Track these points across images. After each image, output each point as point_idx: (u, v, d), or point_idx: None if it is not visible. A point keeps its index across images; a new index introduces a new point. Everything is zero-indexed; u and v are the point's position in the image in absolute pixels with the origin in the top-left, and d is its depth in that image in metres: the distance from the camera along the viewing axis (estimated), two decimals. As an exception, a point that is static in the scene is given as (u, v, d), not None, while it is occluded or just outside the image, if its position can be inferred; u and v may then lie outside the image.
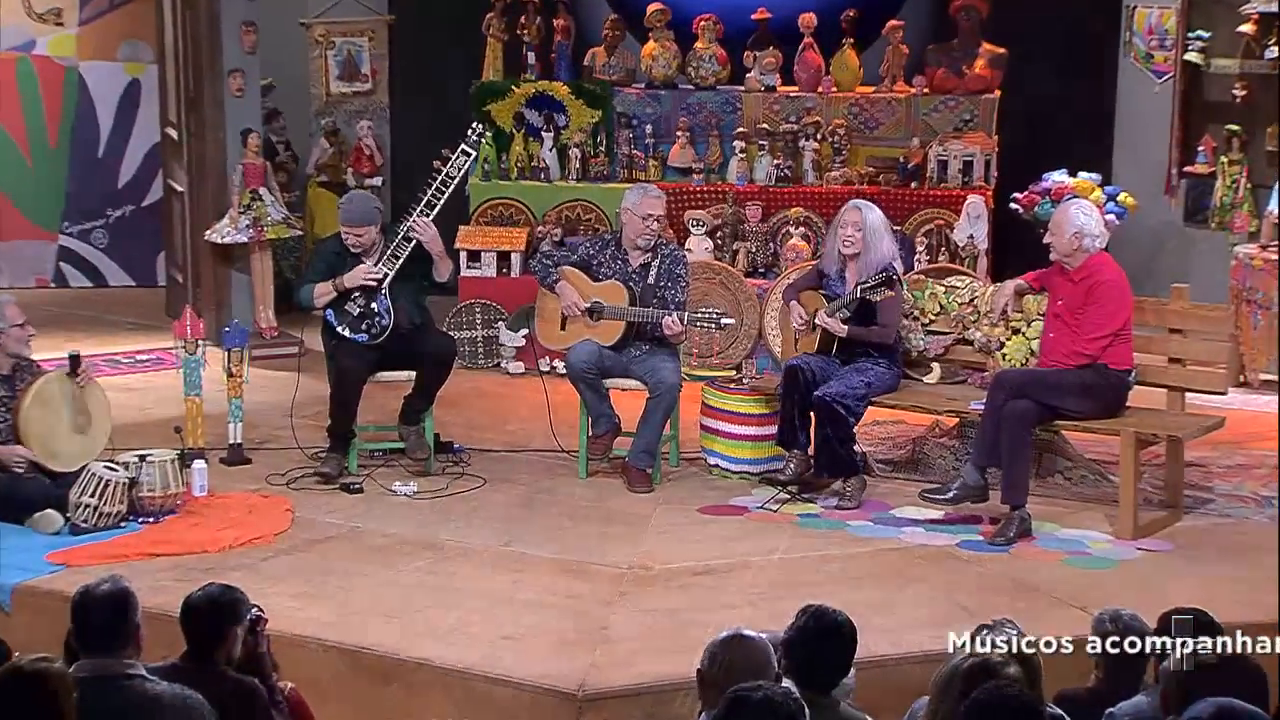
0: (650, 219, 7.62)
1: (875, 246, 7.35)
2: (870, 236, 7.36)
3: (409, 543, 6.80)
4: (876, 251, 7.35)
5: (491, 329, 9.87)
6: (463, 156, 7.67)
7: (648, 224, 7.62)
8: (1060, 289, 7.14)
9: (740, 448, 7.70)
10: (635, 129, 10.38)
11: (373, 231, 7.55)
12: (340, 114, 11.44)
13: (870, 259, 7.36)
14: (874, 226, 7.38)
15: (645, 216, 7.61)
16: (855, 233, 7.40)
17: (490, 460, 7.96)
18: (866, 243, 7.36)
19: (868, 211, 7.43)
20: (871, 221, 7.39)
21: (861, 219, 7.38)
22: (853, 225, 7.41)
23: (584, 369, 7.54)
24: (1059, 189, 8.97)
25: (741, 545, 6.79)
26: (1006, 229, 9.65)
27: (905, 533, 6.96)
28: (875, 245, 7.35)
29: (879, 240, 7.37)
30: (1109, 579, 6.39)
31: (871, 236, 7.36)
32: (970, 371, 8.11)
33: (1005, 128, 10.03)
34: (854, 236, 7.40)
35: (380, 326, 7.55)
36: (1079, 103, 10.59)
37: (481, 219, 10.26)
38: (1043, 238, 7.28)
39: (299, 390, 8.04)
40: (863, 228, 7.37)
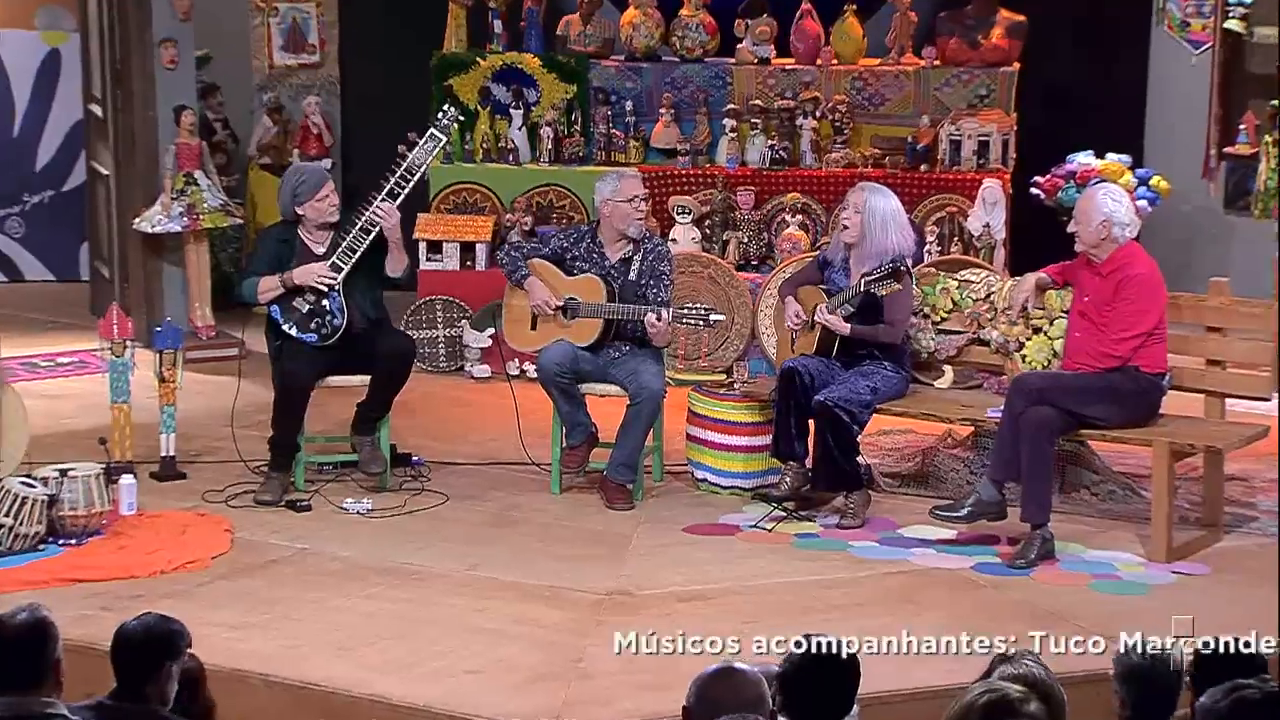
0: (637, 199, 7.64)
1: (875, 236, 7.34)
2: (871, 223, 7.35)
3: (362, 567, 6.80)
4: (876, 239, 7.35)
5: (454, 328, 9.87)
6: (431, 142, 7.68)
7: (636, 205, 7.63)
8: (1086, 283, 7.17)
9: (731, 460, 7.72)
10: (614, 106, 10.39)
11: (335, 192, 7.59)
12: (285, 89, 11.43)
13: (869, 249, 7.36)
14: (878, 212, 7.37)
15: (631, 198, 7.62)
16: (854, 215, 7.40)
17: (453, 474, 7.96)
18: (865, 230, 7.36)
19: (873, 196, 7.43)
20: (876, 206, 7.38)
21: (863, 202, 7.38)
22: (853, 207, 7.42)
23: (557, 373, 7.55)
24: (1085, 172, 8.99)
25: (732, 568, 6.80)
26: (1026, 217, 9.67)
27: (914, 554, 6.98)
28: (875, 234, 7.34)
29: (882, 229, 7.35)
30: (1140, 606, 6.42)
31: (872, 223, 7.35)
32: (986, 375, 8.15)
33: (1025, 104, 10.06)
34: (851, 220, 7.41)
35: (332, 326, 7.55)
36: (1107, 76, 10.63)
37: (443, 206, 10.26)
38: (1066, 226, 7.30)
39: (239, 397, 8.03)
40: (863, 210, 7.37)
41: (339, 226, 7.63)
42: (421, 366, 9.59)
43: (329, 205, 7.60)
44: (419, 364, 9.22)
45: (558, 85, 10.44)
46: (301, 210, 7.60)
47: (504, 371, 9.19)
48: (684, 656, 5.75)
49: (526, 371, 9.27)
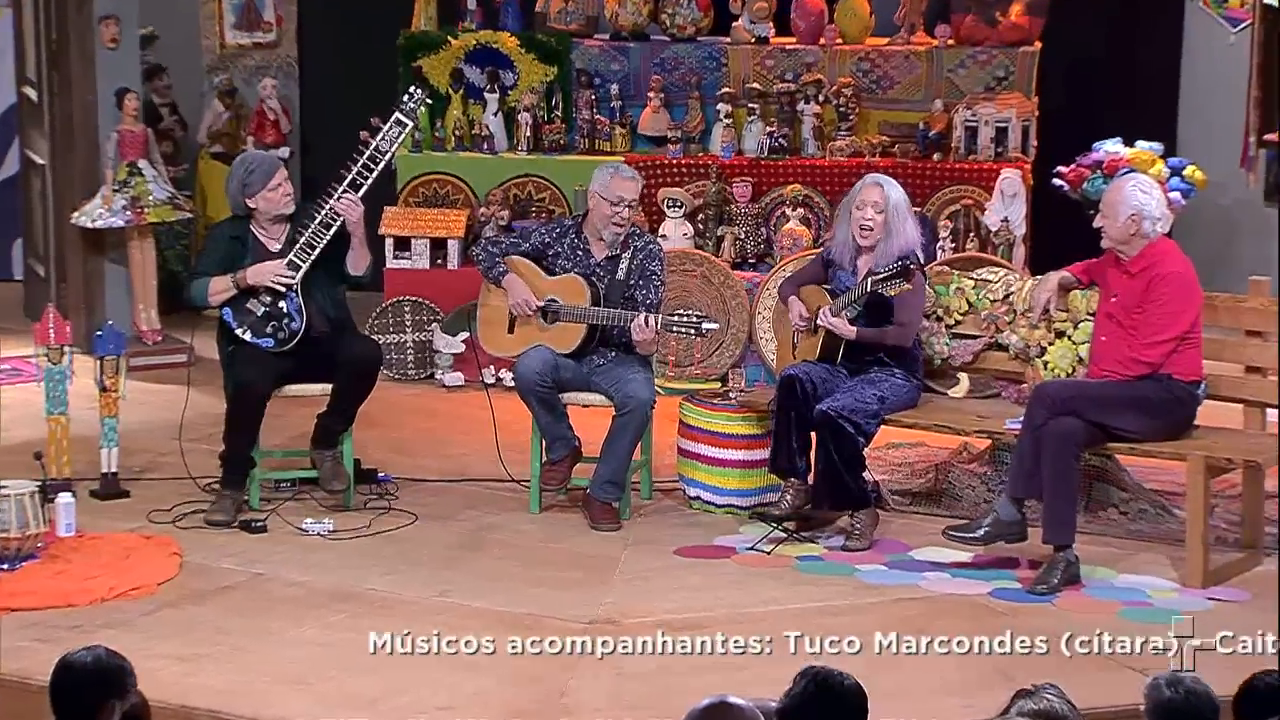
0: (621, 204, 7.62)
1: (899, 231, 7.37)
2: (894, 219, 7.37)
3: (323, 593, 6.79)
4: (901, 237, 7.37)
5: (424, 332, 9.87)
6: (397, 128, 7.68)
7: (617, 210, 7.62)
8: (1114, 283, 7.18)
9: (726, 476, 7.72)
10: (598, 89, 10.39)
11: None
12: (238, 70, 11.43)
13: (891, 246, 7.37)
14: (899, 207, 7.40)
15: (615, 200, 7.62)
16: (876, 215, 7.41)
17: (423, 492, 7.95)
18: (890, 227, 7.38)
19: (890, 189, 7.44)
20: (896, 201, 7.41)
21: (884, 198, 7.39)
22: (873, 206, 7.42)
23: (536, 381, 7.55)
24: (1112, 161, 9.00)
25: (727, 595, 6.80)
26: (1048, 210, 9.69)
27: (927, 579, 6.99)
28: (899, 230, 7.37)
29: (902, 223, 7.38)
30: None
31: (895, 219, 7.37)
32: (1005, 383, 8.15)
33: (1047, 87, 10.08)
34: (874, 220, 7.41)
35: (289, 330, 7.55)
36: (1137, 56, 10.65)
37: (411, 199, 10.26)
38: (1093, 221, 7.32)
39: (188, 407, 8.02)
40: (885, 209, 7.38)
41: (296, 221, 7.62)
42: (388, 374, 9.58)
43: (282, 196, 7.59)
44: (385, 371, 9.21)
45: (536, 67, 10.44)
46: (253, 203, 7.59)
47: (479, 380, 9.17)
48: (674, 691, 5.76)
49: (503, 379, 9.26)
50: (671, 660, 6.20)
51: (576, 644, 6.30)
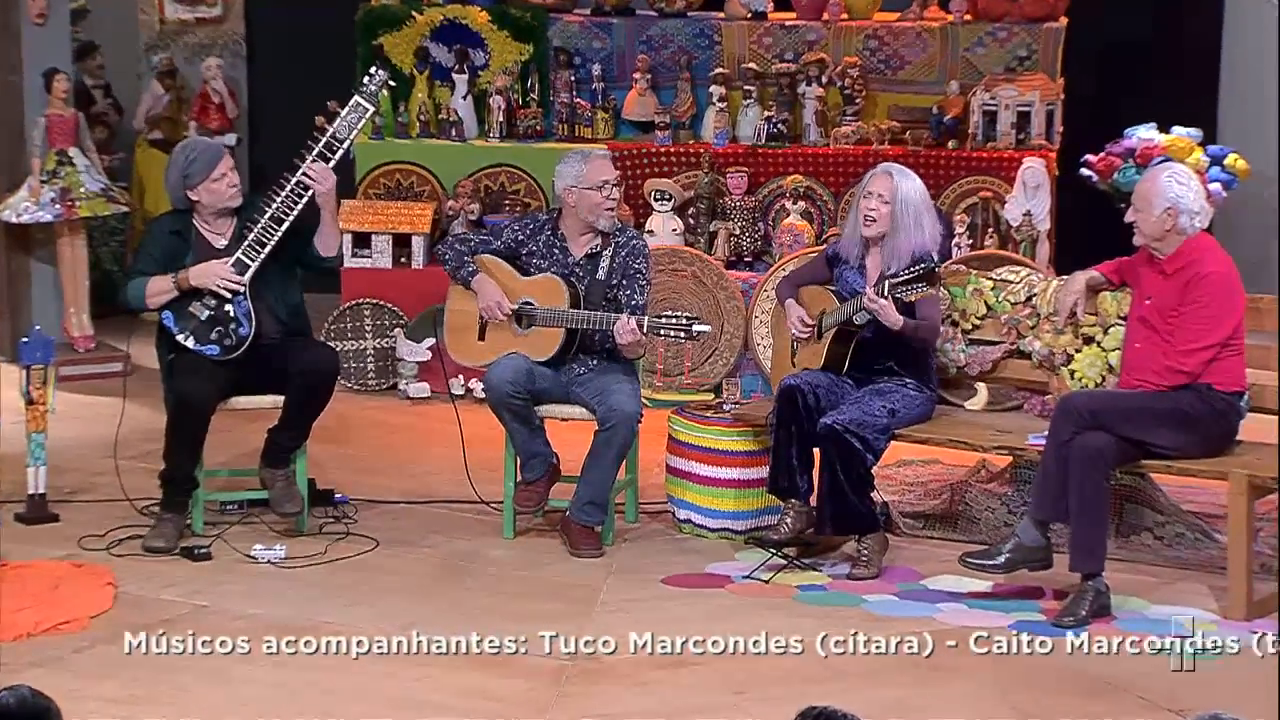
0: (608, 186, 7.64)
1: (908, 227, 7.37)
2: (903, 213, 7.38)
3: (274, 627, 6.78)
4: (910, 235, 7.37)
5: (386, 339, 9.87)
6: (355, 112, 7.68)
7: (607, 193, 7.64)
8: (1148, 284, 7.20)
9: (720, 497, 7.73)
10: (578, 70, 10.41)
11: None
12: (179, 48, 11.43)
13: (900, 244, 7.39)
14: (910, 200, 7.40)
15: (601, 185, 7.63)
16: (881, 206, 7.43)
17: (384, 515, 7.96)
18: (896, 221, 7.39)
19: (901, 179, 7.45)
20: (907, 193, 7.41)
21: (893, 188, 7.41)
22: (878, 196, 7.44)
23: (510, 392, 7.55)
24: (1146, 149, 9.04)
25: (722, 627, 6.80)
26: (1075, 203, 9.72)
27: (941, 610, 6.99)
28: (908, 226, 7.37)
29: (915, 219, 7.37)
30: (1215, 673, 6.44)
31: (904, 213, 7.38)
32: (1027, 394, 8.16)
33: (1074, 68, 10.10)
34: (878, 211, 7.43)
35: (236, 336, 7.55)
36: (1173, 33, 10.68)
37: (372, 191, 10.27)
38: (1124, 215, 7.34)
39: (124, 422, 8.02)
40: (892, 200, 7.40)
41: (244, 215, 7.62)
42: (346, 385, 9.58)
43: (227, 188, 7.58)
44: (343, 382, 9.21)
45: (510, 45, 10.45)
46: (195, 195, 7.59)
47: (446, 391, 9.18)
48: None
49: (473, 391, 9.26)
50: (659, 701, 6.20)
51: (553, 683, 6.31)
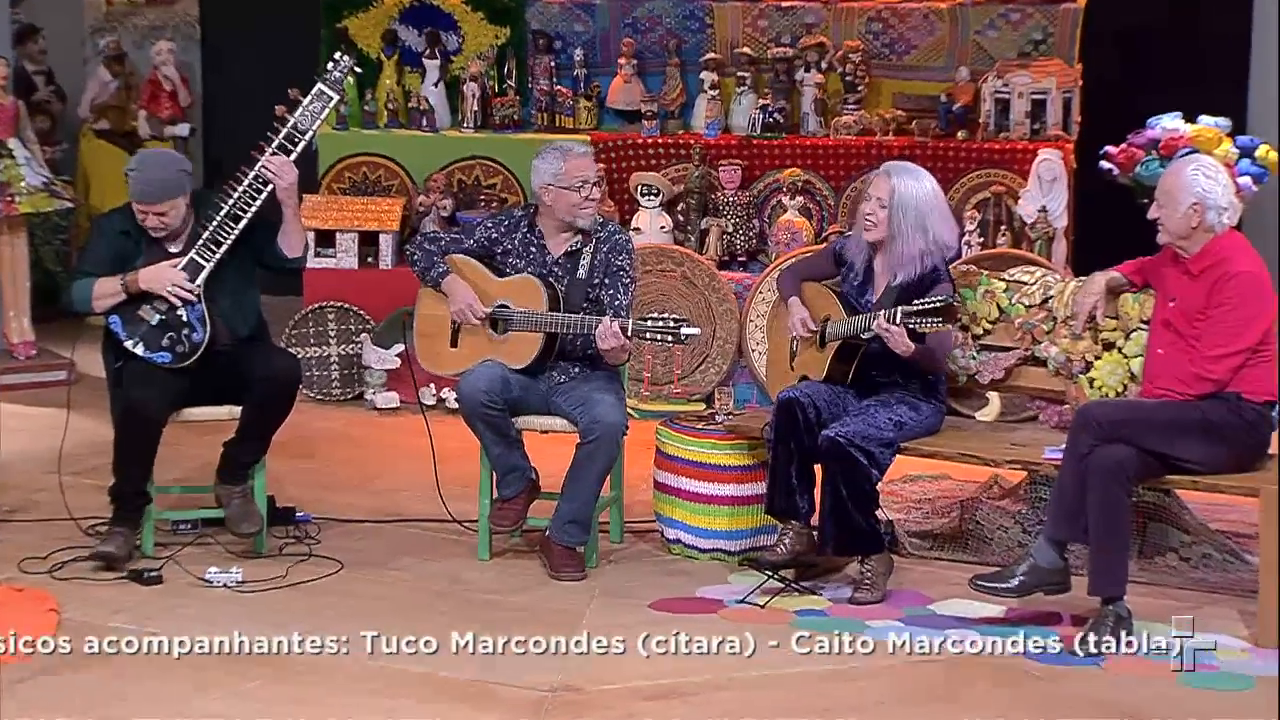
0: (588, 185, 7.64)
1: (906, 233, 7.36)
2: (899, 218, 7.38)
3: (231, 656, 6.79)
4: (910, 241, 7.37)
5: (351, 345, 9.87)
6: (318, 101, 7.68)
7: (586, 192, 7.64)
8: (1172, 285, 7.22)
9: (712, 515, 7.74)
10: (558, 55, 10.41)
11: (180, 206, 7.55)
12: (128, 32, 11.43)
13: (900, 251, 7.39)
14: (909, 203, 7.39)
15: (581, 183, 7.63)
16: (879, 210, 7.43)
17: (350, 535, 7.96)
18: (893, 228, 7.40)
19: (900, 179, 7.43)
20: (905, 196, 7.40)
21: (889, 190, 7.41)
22: (876, 200, 7.45)
23: (485, 402, 7.56)
24: (1170, 140, 9.06)
25: (714, 657, 6.81)
26: (1094, 199, 9.74)
27: (951, 637, 7.00)
28: (906, 232, 7.36)
29: (916, 224, 7.35)
30: (1245, 704, 6.45)
31: (901, 218, 7.37)
32: (1043, 404, 8.17)
33: (1092, 52, 10.11)
34: (876, 216, 7.43)
35: (190, 342, 7.55)
36: (1199, 16, 10.69)
37: (336, 185, 10.27)
38: (1147, 211, 7.36)
39: (69, 434, 8.02)
40: (889, 204, 7.41)
41: (199, 212, 7.61)
42: (308, 394, 9.57)
43: (155, 221, 7.49)
44: (305, 391, 9.21)
45: (485, 28, 10.46)
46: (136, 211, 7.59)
47: (416, 401, 9.19)
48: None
49: (445, 400, 9.26)
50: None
51: (533, 716, 6.31)
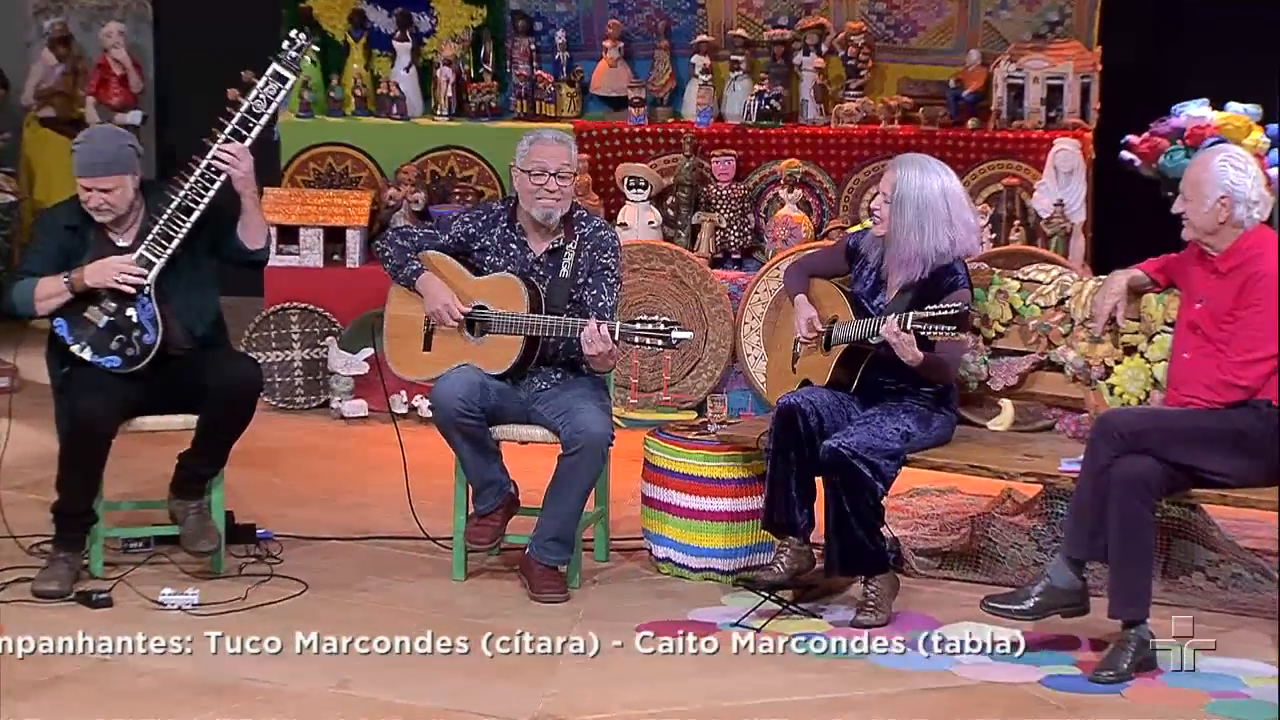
0: (545, 175, 7.63)
1: (904, 229, 7.35)
2: (897, 213, 7.37)
3: (186, 684, 6.78)
4: (909, 238, 7.35)
5: (316, 349, 9.86)
6: (274, 83, 7.67)
7: (540, 184, 7.62)
8: (1199, 285, 7.22)
9: (704, 532, 7.74)
10: (539, 37, 10.41)
11: (128, 186, 7.53)
12: (74, 12, 11.42)
13: (899, 250, 7.39)
14: (908, 197, 7.37)
15: (536, 170, 7.62)
16: (883, 205, 7.45)
17: (315, 554, 7.96)
18: (892, 226, 7.39)
19: (905, 173, 7.42)
20: (906, 189, 7.39)
21: (894, 182, 7.42)
22: (882, 193, 7.47)
23: (461, 410, 7.55)
24: (1197, 129, 9.06)
25: (707, 684, 6.81)
26: (1115, 192, 9.74)
27: (961, 663, 7.00)
28: (904, 227, 7.34)
29: (916, 220, 7.33)
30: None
31: (899, 213, 7.37)
32: (1060, 413, 8.17)
33: (1113, 34, 10.12)
34: (881, 211, 7.45)
35: (141, 344, 7.54)
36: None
37: (300, 177, 10.26)
38: (1172, 205, 7.36)
39: (10, 446, 8.00)
40: (891, 199, 7.41)
41: (149, 206, 7.60)
42: (270, 402, 9.56)
43: (99, 199, 7.50)
44: (266, 399, 9.19)
45: (460, 8, 10.46)
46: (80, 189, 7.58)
47: (386, 409, 9.18)
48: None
49: (419, 409, 9.25)
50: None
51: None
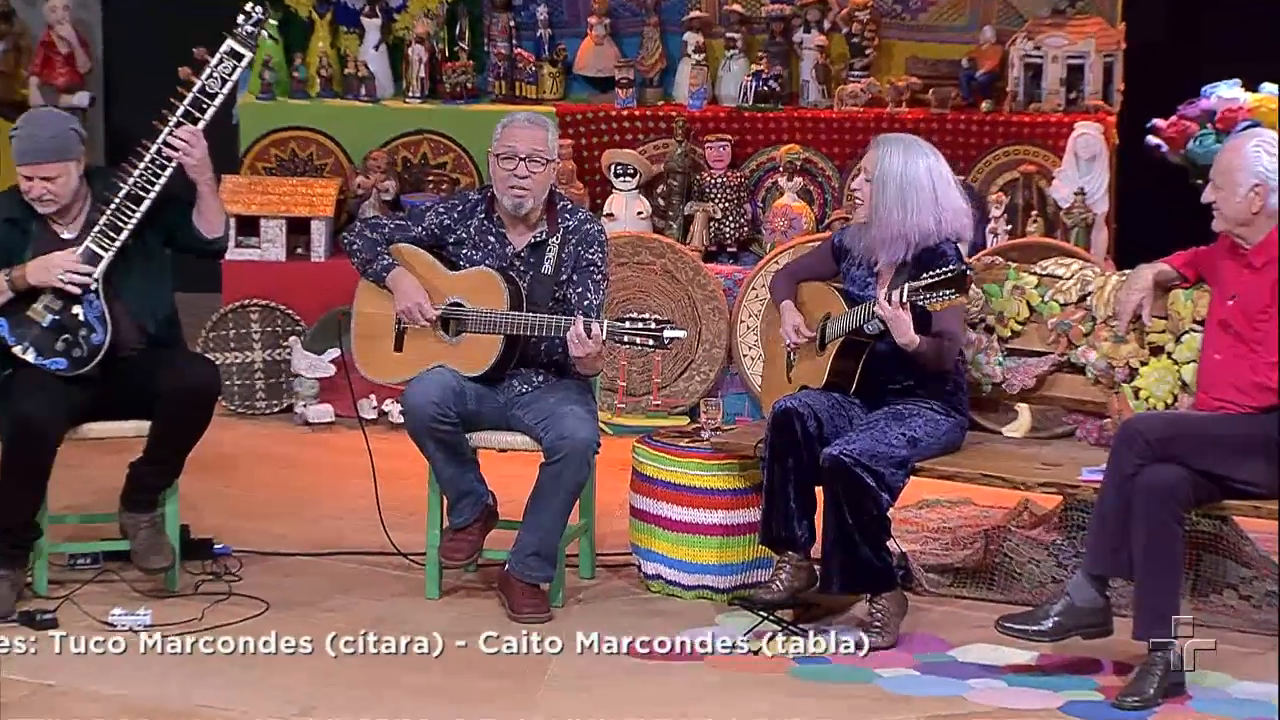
0: (515, 160, 7.62)
1: (885, 208, 7.36)
2: (879, 192, 7.38)
3: (138, 713, 6.78)
4: (890, 219, 7.36)
5: (278, 350, 9.85)
6: (230, 61, 7.66)
7: (511, 170, 7.62)
8: (1231, 280, 7.22)
9: (697, 547, 7.73)
10: (519, 13, 10.41)
11: (72, 173, 7.52)
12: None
13: (879, 233, 7.39)
14: (890, 175, 7.39)
15: (507, 154, 7.61)
16: (865, 185, 7.48)
17: (277, 570, 7.95)
18: (874, 205, 7.40)
19: (888, 151, 7.45)
20: (888, 167, 7.41)
21: (876, 159, 7.43)
22: (864, 174, 7.50)
23: (435, 415, 7.55)
24: (1228, 112, 9.06)
25: (700, 708, 6.81)
26: (1140, 180, 9.74)
27: (974, 688, 7.01)
28: (885, 206, 7.36)
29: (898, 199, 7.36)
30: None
31: (880, 192, 7.38)
32: (1081, 418, 8.17)
33: (1138, 10, 10.12)
34: (862, 191, 7.49)
35: (89, 345, 7.53)
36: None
37: (260, 164, 10.26)
38: (1201, 194, 7.36)
39: (-51, 454, 8.01)
40: (873, 178, 7.42)
41: (96, 196, 7.59)
42: (229, 407, 9.56)
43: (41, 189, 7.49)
44: (224, 403, 9.18)
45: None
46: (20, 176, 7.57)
47: (354, 414, 9.17)
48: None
49: (389, 414, 9.24)
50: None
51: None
